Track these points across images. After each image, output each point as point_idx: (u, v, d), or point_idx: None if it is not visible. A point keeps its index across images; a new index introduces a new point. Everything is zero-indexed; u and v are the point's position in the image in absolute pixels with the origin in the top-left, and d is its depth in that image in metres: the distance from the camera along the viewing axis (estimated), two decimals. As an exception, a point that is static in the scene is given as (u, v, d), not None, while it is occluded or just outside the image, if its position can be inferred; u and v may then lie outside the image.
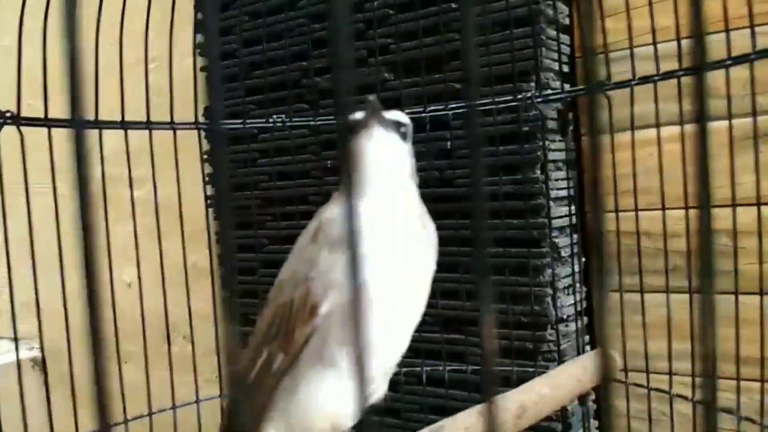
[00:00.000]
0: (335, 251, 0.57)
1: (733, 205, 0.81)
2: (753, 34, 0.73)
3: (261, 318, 0.64)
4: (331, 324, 0.57)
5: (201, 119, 1.20)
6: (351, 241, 0.18)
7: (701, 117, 0.18)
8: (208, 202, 1.23)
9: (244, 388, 0.61)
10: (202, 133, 1.19)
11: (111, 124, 0.81)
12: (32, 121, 0.71)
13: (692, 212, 0.88)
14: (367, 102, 0.59)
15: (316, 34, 1.11)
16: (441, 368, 1.00)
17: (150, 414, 0.89)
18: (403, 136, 0.63)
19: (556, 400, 0.69)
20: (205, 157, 1.23)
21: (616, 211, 0.93)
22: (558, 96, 0.92)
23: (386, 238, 0.58)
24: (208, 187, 1.23)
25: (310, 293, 0.57)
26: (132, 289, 0.99)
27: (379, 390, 0.63)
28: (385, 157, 0.60)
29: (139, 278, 0.92)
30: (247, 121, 1.05)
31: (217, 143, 0.19)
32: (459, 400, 0.98)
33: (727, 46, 0.75)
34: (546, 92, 0.92)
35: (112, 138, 0.87)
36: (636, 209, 0.89)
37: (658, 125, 0.84)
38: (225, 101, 1.21)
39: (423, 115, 0.97)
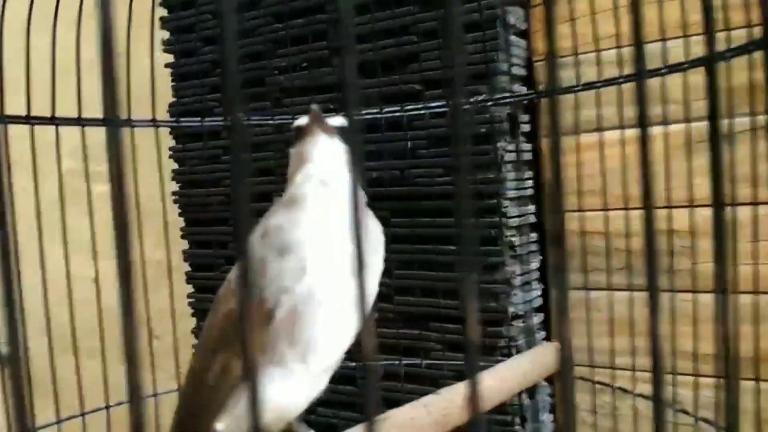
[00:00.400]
0: (283, 257, 0.59)
1: (691, 206, 0.85)
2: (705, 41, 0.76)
3: (211, 321, 0.65)
4: (280, 327, 0.59)
5: (166, 116, 1.21)
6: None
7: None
8: (173, 198, 1.24)
9: (199, 393, 0.63)
10: (165, 130, 1.20)
11: (67, 121, 0.82)
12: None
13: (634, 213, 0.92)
14: (310, 109, 0.61)
15: (277, 33, 1.12)
16: (397, 363, 1.02)
17: (107, 407, 0.90)
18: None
19: (502, 392, 0.72)
20: (170, 153, 1.24)
21: (571, 210, 0.97)
22: (507, 100, 0.94)
23: (330, 243, 0.59)
24: (173, 183, 1.25)
25: (265, 300, 0.58)
26: (97, 284, 0.99)
27: (321, 384, 0.65)
28: (328, 163, 0.62)
29: (97, 273, 0.93)
30: (206, 119, 1.05)
31: (237, 139, 0.20)
32: (415, 393, 1.00)
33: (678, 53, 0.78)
34: (496, 96, 0.94)
35: (79, 134, 0.88)
36: (580, 209, 0.93)
37: (600, 129, 0.87)
38: (187, 98, 1.21)
39: (378, 116, 0.99)
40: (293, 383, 0.61)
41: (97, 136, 0.92)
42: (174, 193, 1.24)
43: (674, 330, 0.86)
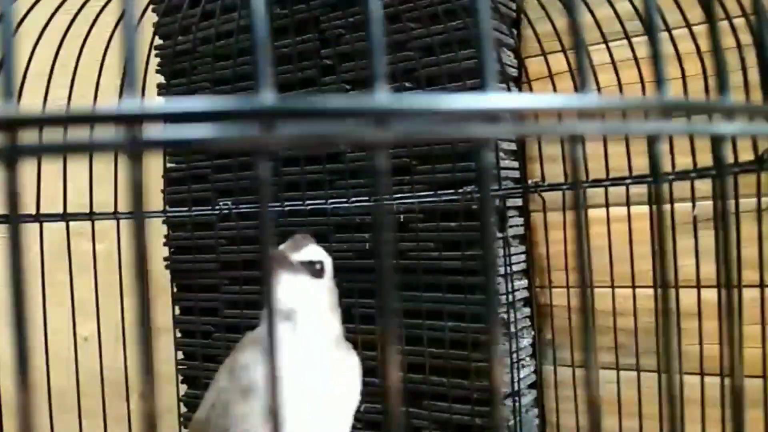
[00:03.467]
0: (247, 399, 0.58)
1: (676, 286, 0.83)
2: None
3: None
4: None
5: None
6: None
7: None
8: (165, 263, 1.23)
9: None
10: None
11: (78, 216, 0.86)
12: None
13: (639, 291, 0.90)
14: (277, 248, 0.62)
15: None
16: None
17: None
18: (317, 273, 0.65)
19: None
20: (162, 219, 1.24)
21: (567, 287, 0.96)
22: (495, 192, 0.95)
23: (297, 387, 0.58)
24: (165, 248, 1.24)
25: None
26: (88, 344, 0.98)
27: None
28: (292, 302, 0.62)
29: (99, 333, 0.92)
30: (194, 209, 1.06)
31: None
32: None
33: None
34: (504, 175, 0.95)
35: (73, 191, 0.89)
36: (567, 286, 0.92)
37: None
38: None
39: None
40: None
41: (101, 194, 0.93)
42: (165, 259, 1.23)
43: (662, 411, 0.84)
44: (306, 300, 0.63)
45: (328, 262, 0.66)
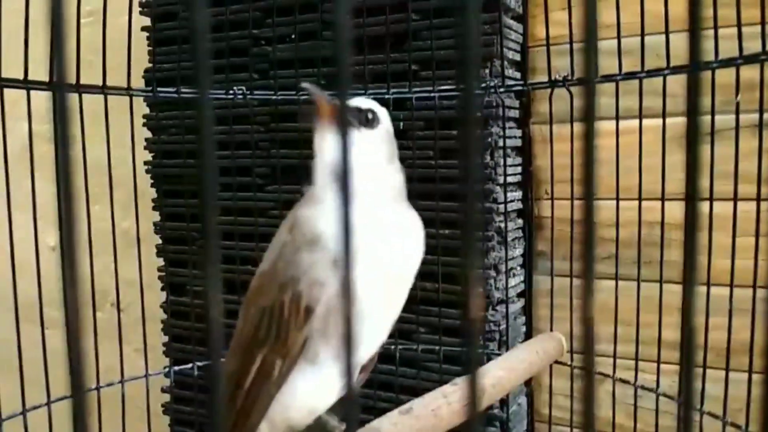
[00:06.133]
0: (314, 250, 0.56)
1: (663, 198, 0.85)
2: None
3: (245, 318, 0.62)
4: (317, 323, 0.57)
5: (141, 82, 1.14)
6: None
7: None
8: (146, 168, 1.18)
9: (235, 399, 0.60)
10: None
11: (39, 85, 0.76)
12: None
13: (624, 203, 0.92)
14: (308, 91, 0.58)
15: (266, 1, 1.07)
16: (393, 348, 1.01)
17: (98, 388, 0.86)
18: (367, 123, 0.60)
19: (510, 382, 0.72)
20: (143, 121, 1.18)
21: (572, 198, 0.97)
22: (519, 87, 0.93)
23: (365, 234, 0.57)
24: (146, 152, 1.19)
25: (302, 296, 0.56)
26: (56, 253, 0.93)
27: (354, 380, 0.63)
28: (339, 155, 0.59)
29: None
30: (182, 90, 0.98)
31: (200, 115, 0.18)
32: (408, 377, 1.00)
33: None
34: (509, 83, 0.93)
35: (40, 94, 0.81)
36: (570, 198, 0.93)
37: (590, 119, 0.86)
38: (164, 65, 1.15)
39: (386, 96, 0.96)
40: (325, 380, 0.59)
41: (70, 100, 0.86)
42: (146, 163, 1.19)
43: (661, 319, 0.87)
44: (355, 153, 0.59)
45: (382, 112, 0.62)
